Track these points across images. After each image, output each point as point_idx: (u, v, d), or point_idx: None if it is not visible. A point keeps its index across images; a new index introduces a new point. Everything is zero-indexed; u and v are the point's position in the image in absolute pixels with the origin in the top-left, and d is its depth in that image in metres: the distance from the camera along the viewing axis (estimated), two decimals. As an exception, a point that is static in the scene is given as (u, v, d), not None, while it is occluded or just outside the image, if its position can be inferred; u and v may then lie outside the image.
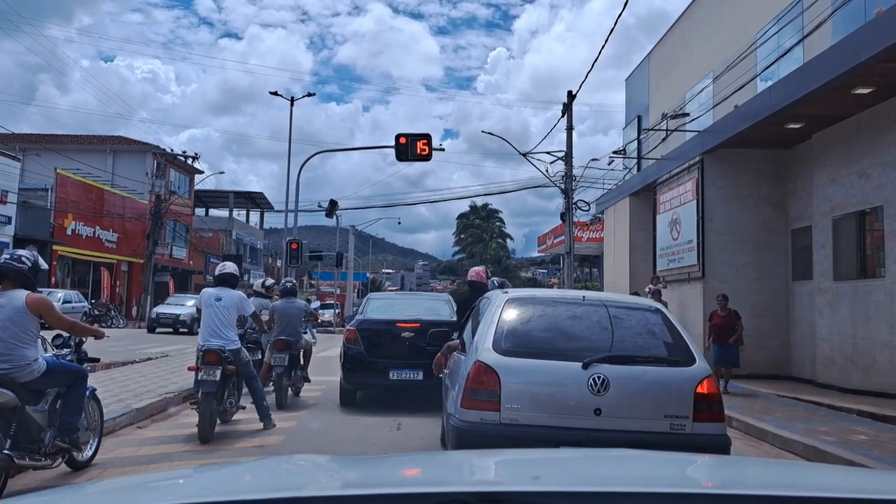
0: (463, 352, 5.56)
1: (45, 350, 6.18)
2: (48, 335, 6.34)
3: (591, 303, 5.20)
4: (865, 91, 10.85)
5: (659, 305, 5.48)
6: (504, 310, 5.05)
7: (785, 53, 13.26)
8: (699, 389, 4.60)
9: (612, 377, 4.54)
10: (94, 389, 6.46)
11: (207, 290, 8.20)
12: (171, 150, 39.52)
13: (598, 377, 4.53)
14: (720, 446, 4.47)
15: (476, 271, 9.18)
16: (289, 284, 11.12)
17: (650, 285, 16.87)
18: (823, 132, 13.03)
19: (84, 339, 6.50)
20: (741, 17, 16.69)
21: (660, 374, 4.72)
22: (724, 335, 12.19)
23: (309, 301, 22.71)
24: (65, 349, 6.36)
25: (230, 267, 8.40)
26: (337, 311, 43.29)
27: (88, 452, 6.26)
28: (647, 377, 4.66)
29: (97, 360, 7.33)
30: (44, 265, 6.08)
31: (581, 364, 4.56)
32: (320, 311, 29.65)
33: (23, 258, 5.77)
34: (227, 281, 8.21)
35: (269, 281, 13.24)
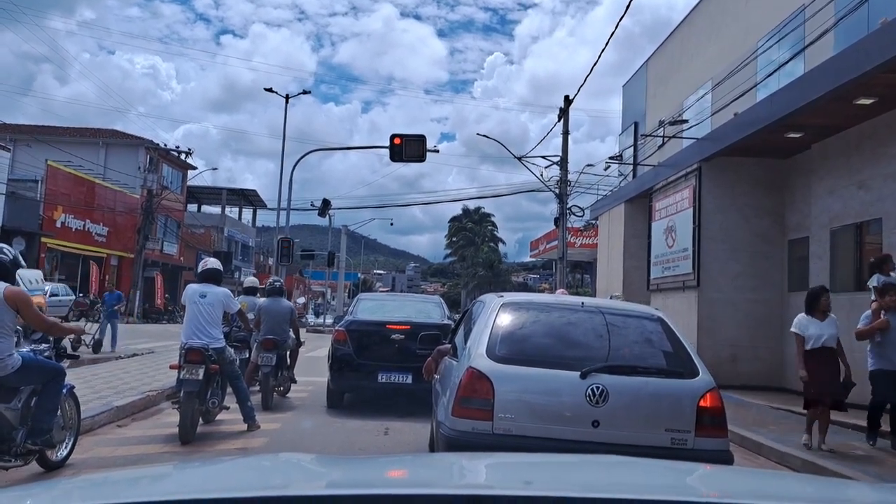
0: (455, 357, 5.36)
1: (22, 344, 5.97)
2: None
3: (590, 309, 5.01)
4: (867, 101, 10.71)
5: (661, 314, 5.16)
6: (499, 314, 4.86)
7: (786, 62, 13.14)
8: (702, 403, 4.43)
9: (612, 388, 4.35)
10: (72, 387, 6.24)
11: (192, 286, 7.98)
12: (165, 145, 39.17)
13: (597, 387, 4.34)
14: (723, 462, 4.29)
15: None
16: (277, 284, 10.91)
17: (876, 274, 8.63)
18: (823, 142, 12.91)
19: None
20: (742, 26, 16.56)
21: (661, 385, 4.53)
22: None
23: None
24: (43, 344, 6.14)
25: (213, 262, 8.19)
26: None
27: (63, 452, 6.03)
28: (649, 389, 4.48)
29: (77, 357, 7.12)
30: (22, 263, 5.94)
31: (579, 373, 4.38)
32: None
33: (4, 250, 5.63)
34: (212, 277, 8.00)
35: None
